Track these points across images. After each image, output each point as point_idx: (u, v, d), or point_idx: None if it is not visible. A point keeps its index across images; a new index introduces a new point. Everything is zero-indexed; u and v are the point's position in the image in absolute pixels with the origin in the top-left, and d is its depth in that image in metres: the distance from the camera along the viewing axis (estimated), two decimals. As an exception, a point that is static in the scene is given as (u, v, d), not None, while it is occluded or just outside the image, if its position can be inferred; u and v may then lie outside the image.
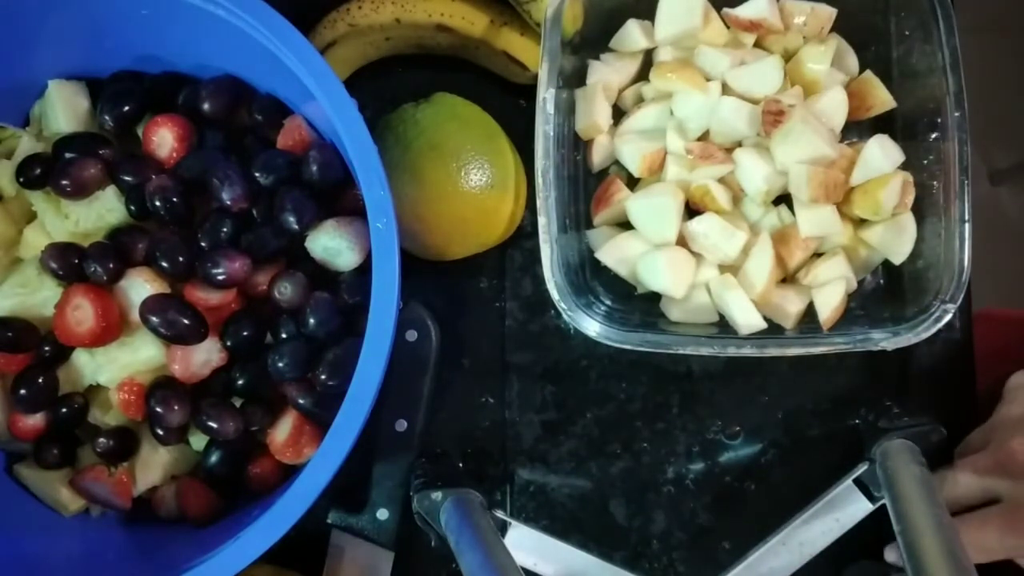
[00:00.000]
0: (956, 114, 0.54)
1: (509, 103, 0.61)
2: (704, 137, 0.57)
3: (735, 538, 0.61)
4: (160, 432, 0.54)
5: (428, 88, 0.60)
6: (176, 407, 0.52)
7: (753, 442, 0.61)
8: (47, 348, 0.54)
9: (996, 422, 0.57)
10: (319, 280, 0.53)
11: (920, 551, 0.49)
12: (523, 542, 0.57)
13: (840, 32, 0.59)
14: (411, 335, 0.60)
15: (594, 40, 0.59)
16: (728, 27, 0.58)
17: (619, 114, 0.60)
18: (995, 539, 0.53)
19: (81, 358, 0.54)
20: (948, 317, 0.53)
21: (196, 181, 0.53)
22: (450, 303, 0.63)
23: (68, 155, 0.55)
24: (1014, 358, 0.60)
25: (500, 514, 0.57)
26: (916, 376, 0.61)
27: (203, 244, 0.53)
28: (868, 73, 0.58)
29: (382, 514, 0.60)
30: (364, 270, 0.52)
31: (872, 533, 0.58)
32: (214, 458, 0.54)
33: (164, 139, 0.55)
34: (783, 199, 0.57)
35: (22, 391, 0.53)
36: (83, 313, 0.51)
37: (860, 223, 0.58)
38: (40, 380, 0.54)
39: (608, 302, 0.59)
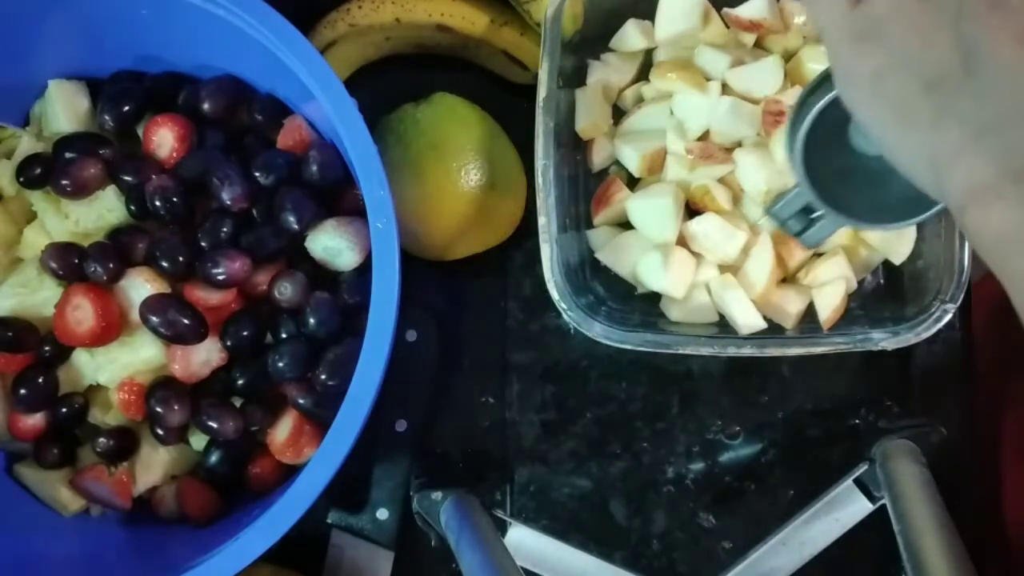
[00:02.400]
0: (956, 114, 0.54)
1: (509, 103, 0.61)
2: (704, 137, 0.57)
3: (735, 538, 0.61)
4: (160, 432, 0.54)
5: (428, 88, 0.60)
6: (176, 407, 0.52)
7: (753, 442, 0.61)
8: (47, 348, 0.54)
9: None
10: (319, 280, 0.53)
11: (920, 551, 0.49)
12: (523, 542, 0.57)
13: (840, 32, 0.58)
14: (411, 335, 0.60)
15: (594, 40, 0.59)
16: (728, 27, 0.58)
17: (619, 114, 0.60)
18: None
19: (81, 358, 0.54)
20: (948, 317, 0.53)
21: (196, 181, 0.53)
22: (450, 303, 0.63)
23: (68, 155, 0.55)
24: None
25: (500, 514, 0.57)
26: (916, 376, 0.61)
27: (203, 244, 0.53)
28: (868, 73, 0.58)
29: (382, 514, 0.60)
30: (364, 270, 0.52)
31: (872, 533, 0.58)
32: (214, 458, 0.54)
33: (164, 139, 0.55)
34: (783, 199, 0.57)
35: (22, 391, 0.53)
36: (83, 313, 0.51)
37: (860, 223, 0.58)
38: (40, 380, 0.54)
39: (608, 302, 0.58)
